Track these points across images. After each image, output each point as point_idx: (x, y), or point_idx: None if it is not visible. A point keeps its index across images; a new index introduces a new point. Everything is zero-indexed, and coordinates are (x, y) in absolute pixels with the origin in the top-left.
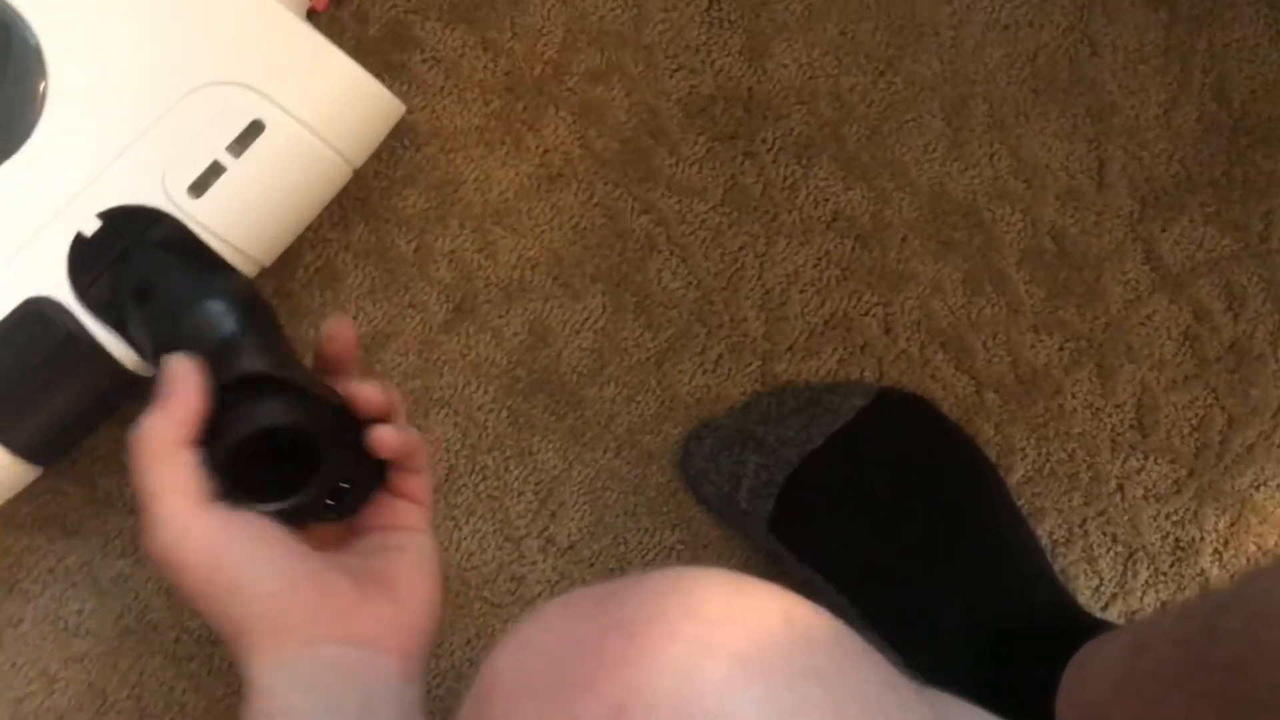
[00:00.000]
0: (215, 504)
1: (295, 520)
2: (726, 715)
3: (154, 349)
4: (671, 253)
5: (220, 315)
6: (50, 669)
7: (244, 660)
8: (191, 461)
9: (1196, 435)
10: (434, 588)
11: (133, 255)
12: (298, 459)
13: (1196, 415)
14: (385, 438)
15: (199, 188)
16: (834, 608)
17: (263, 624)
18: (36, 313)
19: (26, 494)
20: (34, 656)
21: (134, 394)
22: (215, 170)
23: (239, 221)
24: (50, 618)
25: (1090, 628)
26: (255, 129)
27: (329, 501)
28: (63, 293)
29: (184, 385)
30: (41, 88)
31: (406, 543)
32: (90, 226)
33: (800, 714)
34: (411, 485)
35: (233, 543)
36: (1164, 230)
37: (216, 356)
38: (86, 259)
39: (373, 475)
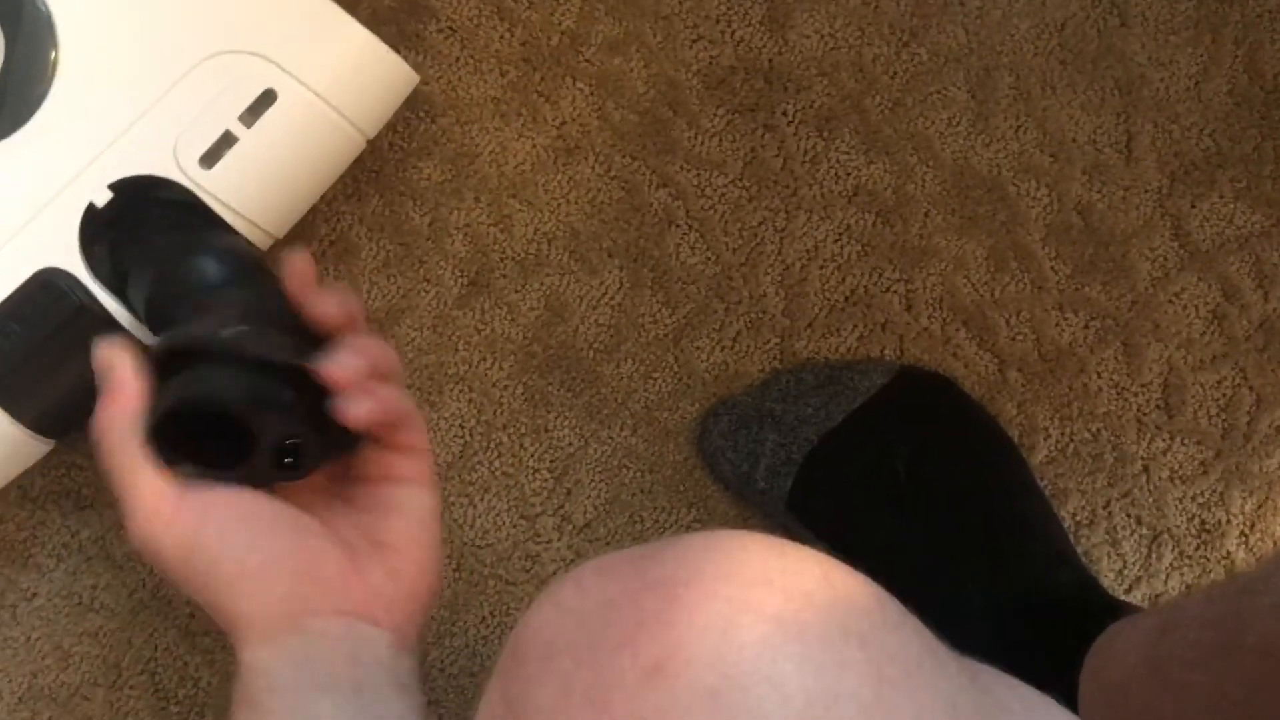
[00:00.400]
0: (187, 487)
1: (254, 485)
2: (764, 674)
3: (146, 307)
4: (690, 227)
5: (208, 270)
6: (65, 644)
7: (235, 641)
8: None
9: (1224, 416)
10: (431, 554)
11: (133, 217)
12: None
13: (1224, 395)
14: (353, 411)
15: (210, 158)
16: None
17: (243, 606)
18: (48, 284)
19: (40, 467)
20: (49, 631)
21: None
22: (227, 140)
23: (251, 192)
24: (65, 592)
25: (1113, 609)
26: (267, 98)
27: (287, 460)
28: (74, 264)
29: (119, 370)
30: (52, 57)
31: (404, 501)
32: (102, 197)
33: (840, 674)
34: (400, 438)
35: (206, 525)
36: (1193, 206)
37: (202, 313)
38: (98, 230)
39: (336, 434)
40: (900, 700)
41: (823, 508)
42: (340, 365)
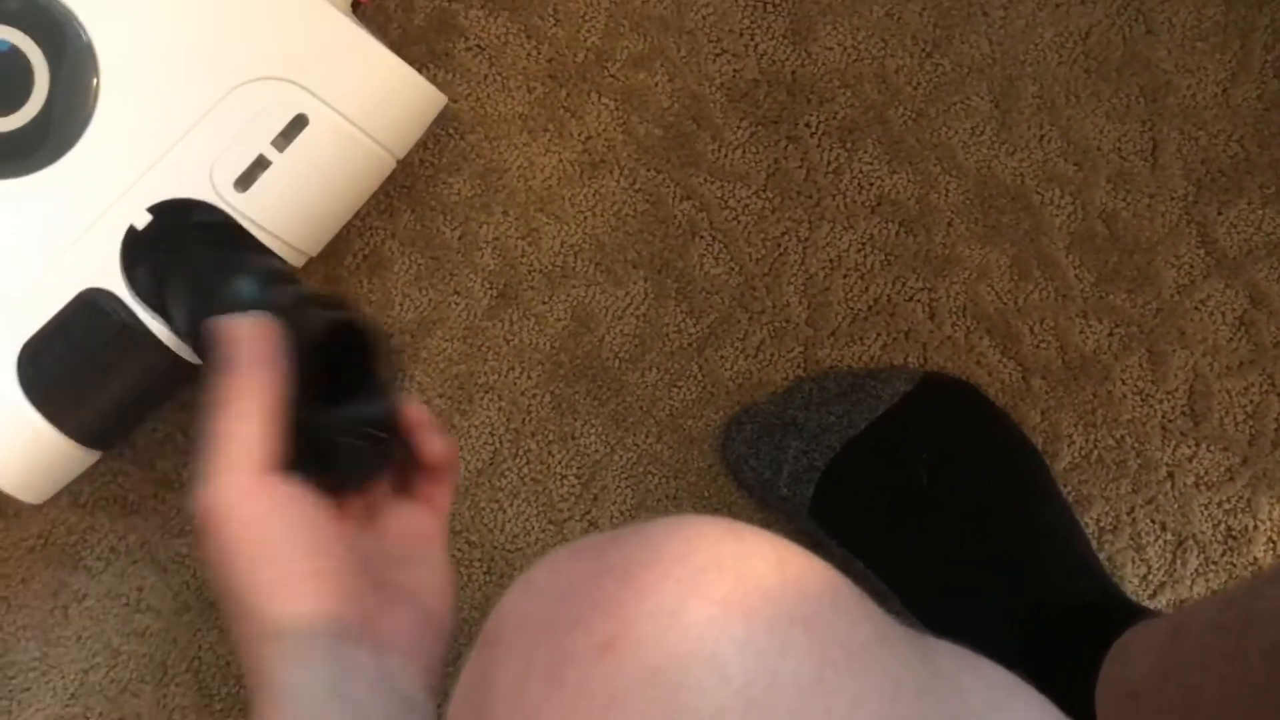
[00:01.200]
0: (275, 476)
1: (323, 461)
2: (706, 655)
3: (187, 326)
4: (714, 238)
5: (246, 290)
6: (113, 643)
7: (258, 653)
8: (267, 428)
9: (1251, 422)
10: (450, 606)
11: (174, 239)
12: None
13: (1251, 402)
14: (438, 443)
15: (245, 181)
16: (875, 594)
17: (287, 605)
18: (92, 304)
19: (89, 475)
20: (98, 631)
21: (188, 380)
22: (260, 164)
23: (284, 214)
24: (113, 594)
25: (1133, 614)
26: (299, 123)
27: (354, 440)
28: (116, 284)
29: (271, 345)
30: (94, 84)
31: (425, 556)
32: (142, 220)
33: (781, 656)
34: (438, 490)
35: (276, 513)
36: (1220, 213)
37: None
38: (139, 251)
39: (390, 458)
40: (841, 682)
41: (845, 515)
42: (423, 410)
